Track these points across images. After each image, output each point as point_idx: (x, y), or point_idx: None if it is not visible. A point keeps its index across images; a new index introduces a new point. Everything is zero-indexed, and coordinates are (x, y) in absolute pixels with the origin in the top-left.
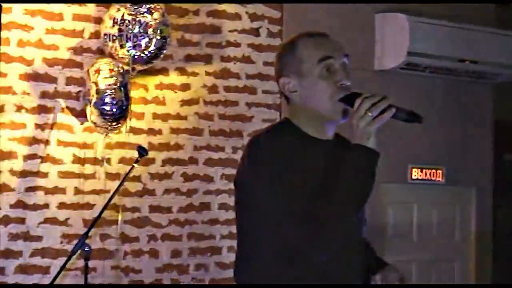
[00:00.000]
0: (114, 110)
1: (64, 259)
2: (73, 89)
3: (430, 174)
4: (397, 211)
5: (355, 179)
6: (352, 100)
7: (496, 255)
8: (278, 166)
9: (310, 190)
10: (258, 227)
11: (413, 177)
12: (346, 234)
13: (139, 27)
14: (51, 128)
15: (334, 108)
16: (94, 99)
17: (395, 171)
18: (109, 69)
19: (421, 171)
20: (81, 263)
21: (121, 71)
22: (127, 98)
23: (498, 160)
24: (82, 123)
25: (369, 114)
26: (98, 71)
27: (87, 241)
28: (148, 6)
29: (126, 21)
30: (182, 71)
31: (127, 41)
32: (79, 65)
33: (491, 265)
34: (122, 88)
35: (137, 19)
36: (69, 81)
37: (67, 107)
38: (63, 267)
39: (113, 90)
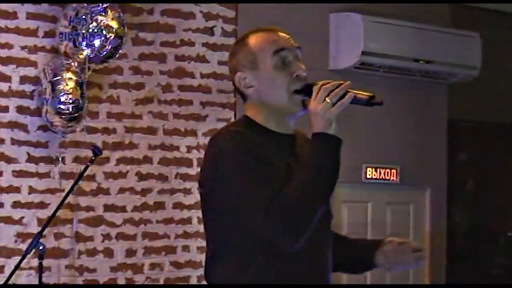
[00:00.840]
0: (71, 109)
1: (18, 258)
2: (27, 88)
3: (384, 174)
4: (352, 210)
5: (321, 168)
6: (310, 90)
7: (450, 255)
8: (242, 162)
9: (276, 183)
10: (226, 225)
11: (368, 176)
12: (316, 226)
13: (94, 26)
14: (6, 127)
15: (292, 100)
16: (50, 98)
17: (349, 170)
18: (66, 68)
19: (376, 171)
20: (35, 262)
21: (78, 70)
22: (83, 97)
23: (453, 160)
24: (36, 122)
25: (328, 100)
26: (54, 70)
27: (41, 240)
28: (104, 5)
29: (82, 20)
30: (136, 70)
31: (83, 40)
32: (34, 64)
33: (445, 265)
34: (78, 88)
35: (93, 18)
36: (24, 80)
37: (22, 106)
38: (17, 267)
39: (69, 89)
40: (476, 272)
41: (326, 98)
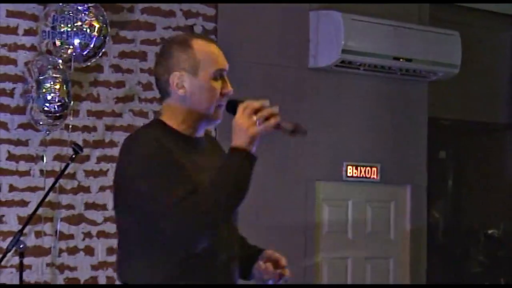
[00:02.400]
0: (56, 107)
1: None
2: (7, 86)
3: (365, 172)
4: (332, 208)
5: (234, 183)
6: (233, 106)
7: (430, 252)
8: (153, 164)
9: (185, 186)
10: (138, 224)
11: (348, 174)
12: (223, 226)
13: (78, 25)
14: None
15: (216, 111)
16: (36, 97)
17: (330, 168)
18: (52, 67)
19: (356, 169)
20: (16, 260)
21: (63, 68)
22: (69, 96)
23: (433, 157)
24: (17, 120)
25: (255, 118)
26: (40, 69)
27: (22, 238)
28: (88, 5)
29: (66, 19)
30: (116, 68)
31: (67, 39)
32: (13, 62)
33: (425, 262)
34: (64, 86)
35: (77, 17)
36: (3, 78)
37: (2, 104)
38: None
39: (55, 88)
40: (456, 269)
41: (254, 116)
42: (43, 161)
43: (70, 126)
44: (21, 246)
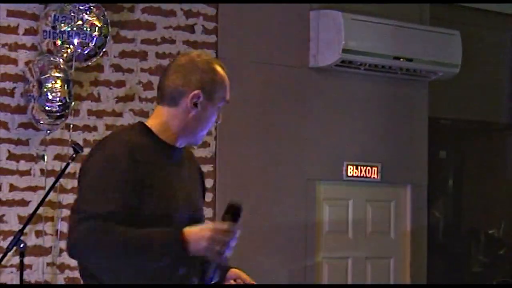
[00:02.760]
0: (57, 107)
1: None
2: (8, 85)
3: (365, 171)
4: (333, 207)
5: (145, 251)
6: (237, 213)
7: (431, 251)
8: (108, 173)
9: (110, 206)
10: None
11: (349, 174)
12: None
13: (79, 25)
14: None
15: (201, 139)
16: (37, 96)
17: (330, 168)
18: (54, 66)
19: (357, 168)
20: (16, 259)
21: (65, 68)
22: (70, 95)
23: (433, 157)
24: (17, 120)
25: (213, 247)
26: (41, 68)
27: (22, 238)
28: (88, 4)
29: (67, 19)
30: (117, 67)
31: (68, 38)
32: (14, 62)
33: (426, 261)
34: (66, 86)
35: (79, 16)
36: (4, 77)
37: (2, 104)
38: None
39: (57, 88)
40: (457, 268)
41: (215, 245)
42: (43, 160)
43: (71, 126)
44: (21, 245)
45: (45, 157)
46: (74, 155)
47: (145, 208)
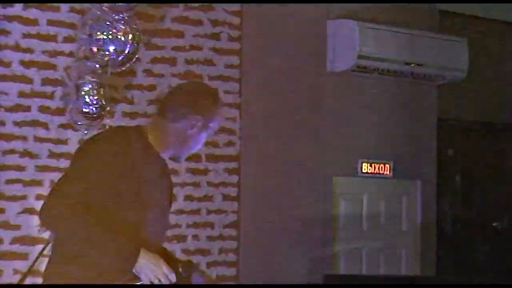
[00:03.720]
0: (94, 109)
1: (41, 246)
2: (48, 89)
3: (378, 168)
4: (348, 202)
5: None
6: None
7: (440, 243)
8: (89, 161)
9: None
10: None
11: (363, 170)
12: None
13: (114, 33)
14: (29, 126)
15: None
16: (75, 99)
17: (346, 165)
18: (91, 71)
19: (370, 165)
20: None
21: (100, 73)
22: (105, 98)
23: (441, 155)
24: (56, 121)
25: (151, 279)
26: (79, 73)
27: None
28: (122, 14)
29: (102, 27)
30: (149, 72)
31: (103, 46)
32: (53, 67)
33: (435, 252)
34: (102, 89)
35: (113, 25)
36: (45, 82)
37: (43, 106)
38: (40, 253)
39: (94, 91)
40: (464, 260)
41: (152, 276)
42: None
43: (107, 127)
44: None
45: None
46: None
47: None
